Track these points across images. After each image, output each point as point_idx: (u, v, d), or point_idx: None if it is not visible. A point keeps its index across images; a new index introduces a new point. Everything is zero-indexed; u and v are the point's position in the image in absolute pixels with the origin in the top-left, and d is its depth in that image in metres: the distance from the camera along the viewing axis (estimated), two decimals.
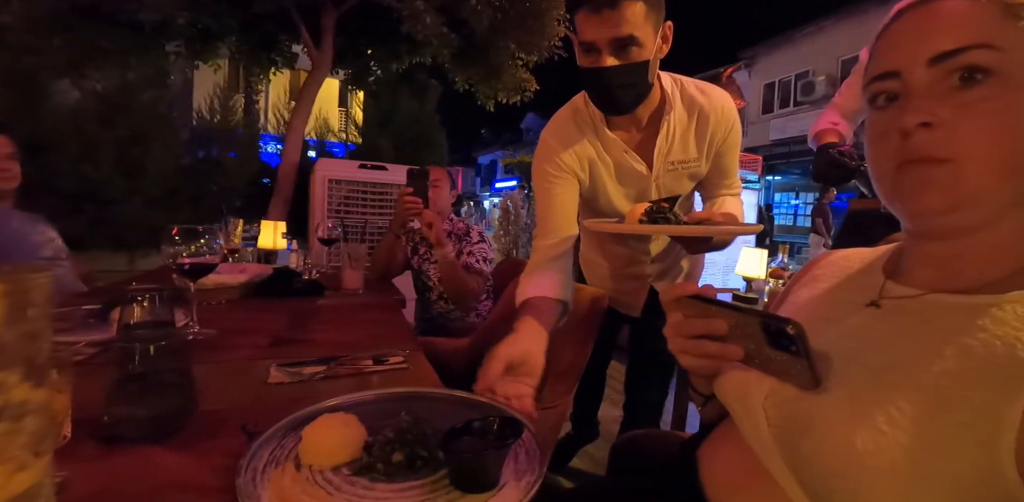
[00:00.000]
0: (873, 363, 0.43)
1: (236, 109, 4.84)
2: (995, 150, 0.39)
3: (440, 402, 0.65)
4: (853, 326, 0.48)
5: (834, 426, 0.41)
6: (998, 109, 0.39)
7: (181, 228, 0.93)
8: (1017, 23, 0.38)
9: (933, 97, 0.41)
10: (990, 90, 0.39)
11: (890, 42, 0.45)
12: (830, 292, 0.55)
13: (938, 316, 0.43)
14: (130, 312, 0.56)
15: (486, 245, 1.80)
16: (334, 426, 0.50)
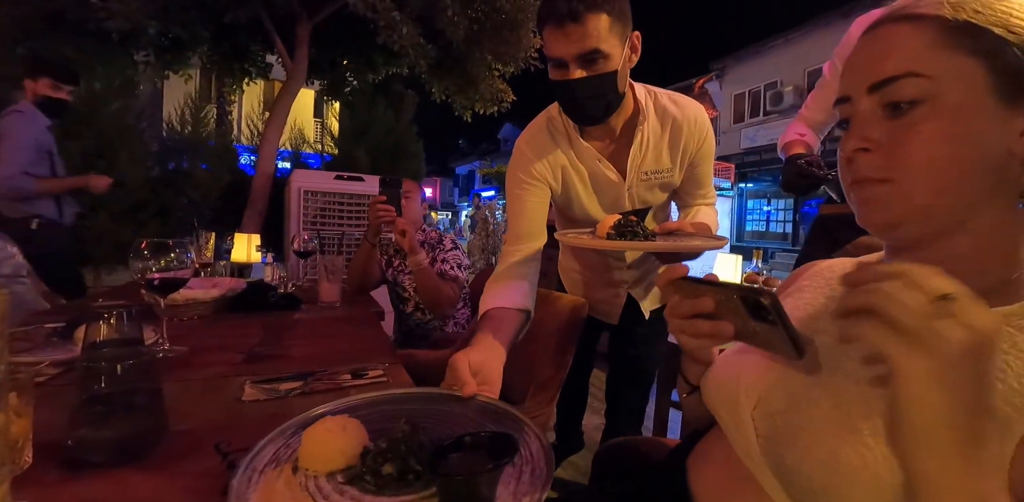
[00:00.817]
0: (858, 373, 0.44)
1: (208, 120, 4.74)
2: (929, 171, 0.42)
3: (456, 405, 0.64)
4: (837, 336, 0.49)
5: (820, 439, 0.42)
6: (929, 133, 0.41)
7: (150, 242, 0.90)
8: (948, 51, 0.41)
9: (871, 123, 0.44)
10: (921, 115, 0.42)
11: (847, 67, 0.48)
12: (813, 302, 0.56)
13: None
14: (96, 330, 0.54)
15: (459, 252, 1.80)
16: (333, 430, 0.49)
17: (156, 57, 4.22)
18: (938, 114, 0.41)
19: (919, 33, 0.42)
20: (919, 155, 0.42)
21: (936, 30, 0.42)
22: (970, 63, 0.41)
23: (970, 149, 0.41)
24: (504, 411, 0.60)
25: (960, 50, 0.41)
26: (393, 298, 1.94)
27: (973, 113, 0.41)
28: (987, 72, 0.40)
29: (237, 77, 4.91)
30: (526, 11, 4.20)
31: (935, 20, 0.42)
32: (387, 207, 1.57)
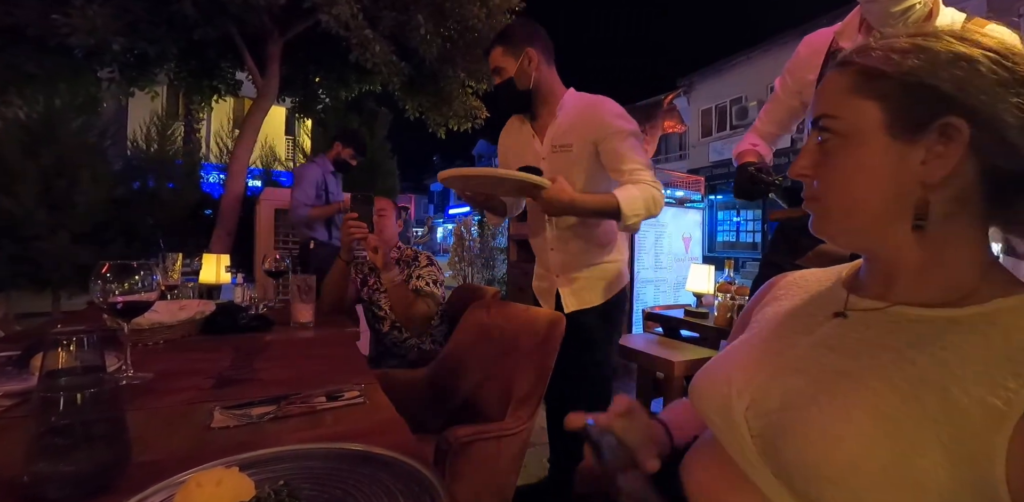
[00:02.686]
0: (849, 369, 0.47)
1: (175, 138, 4.64)
2: (838, 195, 0.50)
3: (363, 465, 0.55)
4: (823, 335, 0.53)
5: (822, 432, 0.44)
6: (837, 164, 0.50)
7: (113, 264, 0.87)
8: (854, 95, 0.49)
9: (809, 152, 0.53)
10: (833, 148, 0.50)
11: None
12: (796, 308, 0.60)
13: (906, 327, 0.48)
14: (54, 357, 0.51)
15: (435, 268, 1.79)
16: (204, 485, 0.43)
17: (121, 73, 4.13)
18: (844, 148, 0.49)
19: (843, 78, 0.50)
20: (830, 182, 0.51)
21: (854, 76, 0.49)
22: (869, 105, 0.48)
23: (871, 178, 0.48)
24: (417, 475, 0.53)
25: (863, 94, 0.48)
26: (369, 317, 1.91)
27: (869, 148, 0.48)
28: (882, 112, 0.47)
29: (206, 94, 4.84)
30: (498, 29, 4.28)
31: (856, 66, 0.49)
32: (359, 223, 1.55)
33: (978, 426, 0.38)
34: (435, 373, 1.49)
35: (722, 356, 0.60)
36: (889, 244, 0.50)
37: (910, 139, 0.46)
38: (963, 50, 0.44)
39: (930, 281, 0.48)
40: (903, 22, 1.09)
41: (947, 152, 0.45)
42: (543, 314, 1.25)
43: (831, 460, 0.42)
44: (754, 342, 0.58)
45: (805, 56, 1.29)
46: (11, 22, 3.33)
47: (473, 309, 1.50)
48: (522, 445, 1.14)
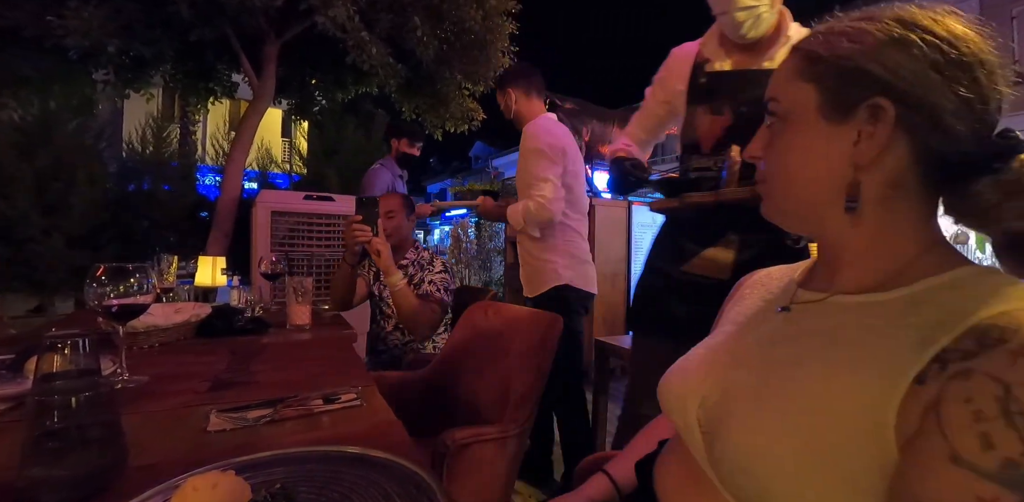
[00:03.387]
0: (780, 361, 0.49)
1: (171, 140, 4.62)
2: (779, 176, 0.52)
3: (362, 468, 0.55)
4: (767, 330, 0.55)
5: (742, 422, 0.46)
6: (778, 146, 0.52)
7: (108, 267, 0.87)
8: (796, 78, 0.50)
9: (760, 137, 0.55)
10: (776, 131, 0.52)
11: None
12: (753, 306, 0.61)
13: (835, 315, 0.49)
14: (48, 361, 0.51)
15: (448, 275, 1.77)
16: (200, 489, 0.43)
17: (116, 75, 4.12)
18: (784, 130, 0.51)
19: (788, 63, 0.52)
20: (772, 163, 0.53)
21: (797, 60, 0.51)
22: (805, 87, 0.49)
23: (805, 159, 0.50)
24: (414, 478, 0.53)
25: (803, 77, 0.49)
26: (376, 313, 1.90)
27: (804, 129, 0.49)
28: (816, 94, 0.48)
29: (202, 96, 4.82)
30: (495, 31, 4.28)
31: (801, 52, 0.51)
32: (363, 227, 1.55)
33: (877, 399, 0.39)
34: (432, 375, 1.49)
35: (685, 358, 0.61)
36: (827, 228, 0.51)
37: (841, 121, 0.47)
38: (899, 33, 0.44)
39: (869, 267, 0.49)
40: (753, 31, 1.14)
41: (875, 133, 0.45)
42: (540, 315, 1.25)
43: (745, 449, 0.44)
44: (710, 343, 0.60)
45: (674, 67, 1.31)
46: (6, 24, 3.31)
47: (470, 310, 1.50)
48: (520, 446, 1.14)
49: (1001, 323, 0.37)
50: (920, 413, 0.36)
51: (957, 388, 0.35)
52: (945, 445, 0.33)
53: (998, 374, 0.34)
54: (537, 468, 1.92)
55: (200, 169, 4.88)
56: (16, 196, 3.55)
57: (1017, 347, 0.34)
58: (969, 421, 0.33)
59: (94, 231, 3.82)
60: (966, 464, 0.32)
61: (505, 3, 4.27)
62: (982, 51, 0.44)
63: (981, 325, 0.37)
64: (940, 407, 0.35)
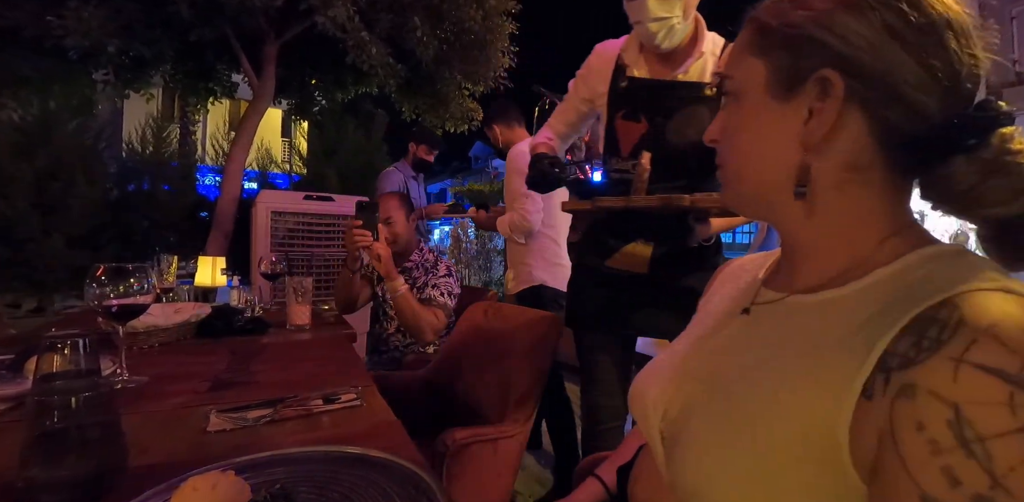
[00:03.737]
0: (732, 375, 0.45)
1: (171, 140, 4.62)
2: (733, 156, 0.47)
3: (361, 468, 0.55)
4: (726, 336, 0.51)
5: (694, 441, 0.43)
6: (731, 125, 0.47)
7: (107, 267, 0.87)
8: (746, 52, 0.45)
9: (717, 117, 0.50)
10: (730, 110, 0.47)
11: None
12: (720, 303, 0.57)
13: (791, 318, 0.44)
14: (48, 361, 0.51)
15: (452, 279, 1.75)
16: (200, 489, 0.43)
17: (116, 75, 4.11)
18: (736, 109, 0.46)
19: (742, 36, 0.47)
20: (725, 145, 0.48)
21: (750, 33, 0.46)
22: (755, 62, 0.44)
23: (754, 141, 0.45)
24: (414, 478, 0.53)
25: (753, 51, 0.45)
26: (379, 314, 1.89)
27: (756, 109, 0.44)
28: (765, 69, 0.43)
29: (202, 96, 4.82)
30: (495, 31, 4.28)
31: (754, 23, 0.45)
32: (363, 232, 1.54)
33: (825, 418, 0.35)
34: (432, 375, 1.49)
35: (652, 363, 0.58)
36: (781, 216, 0.46)
37: (789, 97, 0.42)
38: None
39: (828, 261, 0.44)
40: (667, 41, 1.15)
41: (824, 109, 0.40)
42: (540, 316, 1.25)
43: (695, 471, 0.41)
44: (676, 348, 0.57)
45: (596, 66, 1.30)
46: (6, 24, 3.31)
47: (470, 310, 1.50)
48: (520, 447, 1.14)
49: (940, 316, 0.32)
50: (875, 434, 0.32)
51: (905, 410, 0.31)
52: (911, 485, 0.29)
53: (943, 392, 0.29)
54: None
55: (200, 169, 4.88)
56: (16, 196, 3.55)
57: (958, 352, 0.30)
58: (927, 454, 0.29)
59: (94, 231, 3.82)
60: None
61: (505, 3, 4.27)
62: (951, 10, 0.38)
63: (920, 319, 0.33)
64: (895, 435, 0.31)
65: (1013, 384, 0.28)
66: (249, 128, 4.14)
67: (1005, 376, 0.28)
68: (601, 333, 1.29)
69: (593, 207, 1.12)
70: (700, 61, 1.18)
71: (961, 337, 0.30)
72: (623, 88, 1.23)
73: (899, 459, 0.30)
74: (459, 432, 1.02)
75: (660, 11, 1.10)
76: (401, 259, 1.82)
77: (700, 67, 1.19)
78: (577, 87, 1.38)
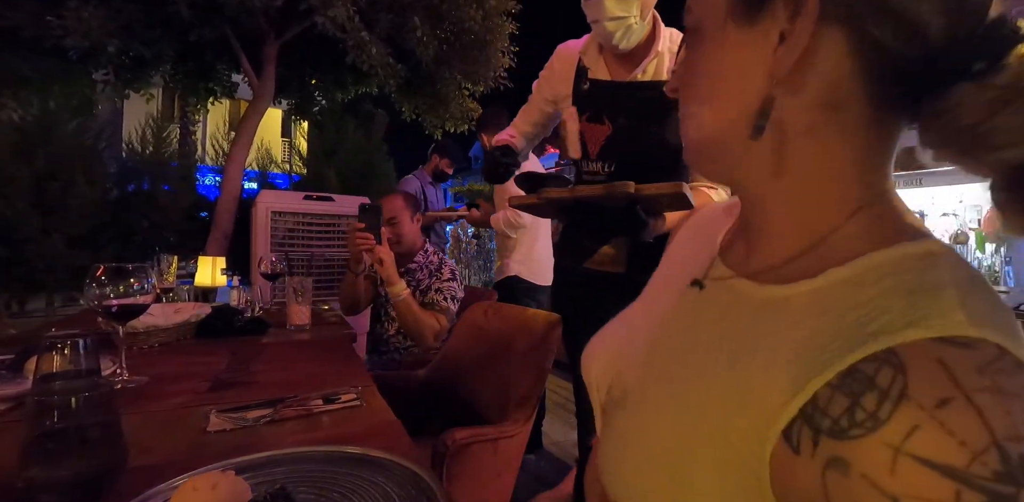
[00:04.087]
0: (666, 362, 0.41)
1: (171, 140, 4.62)
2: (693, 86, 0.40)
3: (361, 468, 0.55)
4: (673, 313, 0.45)
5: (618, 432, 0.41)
6: (692, 58, 0.40)
7: (107, 267, 0.87)
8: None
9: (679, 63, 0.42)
10: (690, 43, 0.40)
11: None
12: (675, 267, 0.51)
13: (733, 307, 0.39)
14: (48, 361, 0.51)
15: (456, 284, 1.75)
16: (200, 489, 0.43)
17: (116, 76, 4.12)
18: (697, 41, 0.39)
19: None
20: (687, 88, 0.40)
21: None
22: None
23: (720, 74, 0.37)
24: (414, 478, 0.53)
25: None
26: (381, 314, 1.88)
27: (717, 37, 0.37)
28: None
29: (202, 96, 4.82)
30: (495, 31, 4.28)
31: None
32: (365, 235, 1.53)
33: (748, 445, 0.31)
34: (432, 375, 1.49)
35: (601, 333, 0.54)
36: (744, 172, 0.39)
37: (753, 19, 0.35)
38: None
39: (789, 236, 0.37)
40: (624, 41, 1.14)
41: (795, 30, 0.32)
42: (540, 316, 1.25)
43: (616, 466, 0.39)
44: (628, 314, 0.53)
45: (558, 68, 1.31)
46: (6, 24, 3.31)
47: (470, 310, 1.50)
48: (520, 447, 1.14)
49: (879, 377, 0.26)
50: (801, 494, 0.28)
51: (839, 487, 0.26)
52: None
53: (880, 482, 0.25)
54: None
55: (200, 169, 4.87)
56: (16, 196, 3.55)
57: (897, 438, 0.25)
58: None
59: (94, 231, 3.82)
60: None
61: (505, 3, 4.27)
62: None
63: (857, 372, 0.27)
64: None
65: (960, 482, 0.24)
66: (249, 128, 4.14)
67: (951, 473, 0.24)
68: (592, 333, 1.30)
69: (539, 199, 1.11)
70: (656, 60, 1.20)
71: (903, 419, 0.25)
72: (585, 90, 1.24)
73: None
74: (459, 432, 1.02)
75: (617, 10, 1.10)
76: (405, 259, 1.81)
77: (656, 66, 1.20)
78: (541, 88, 1.38)
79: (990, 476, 0.23)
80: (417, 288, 1.73)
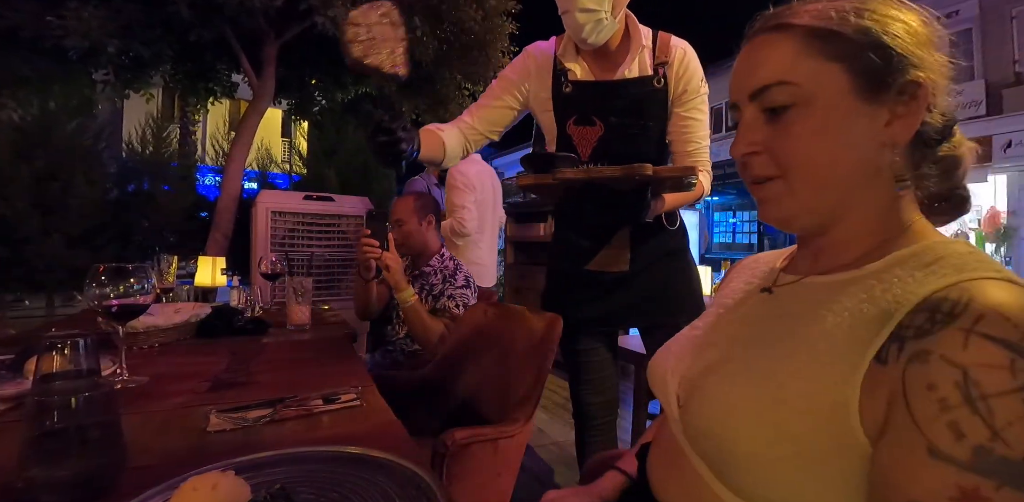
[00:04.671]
0: (753, 340, 0.50)
1: (170, 140, 4.62)
2: (808, 167, 0.47)
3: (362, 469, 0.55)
4: (746, 311, 0.56)
5: (708, 393, 0.48)
6: (802, 133, 0.46)
7: (108, 267, 0.87)
8: (811, 58, 0.46)
9: (753, 128, 0.49)
10: (794, 118, 0.46)
11: (734, 74, 0.52)
12: (737, 288, 0.62)
13: (811, 295, 0.48)
14: (48, 361, 0.51)
15: (469, 291, 1.72)
16: (200, 489, 0.43)
17: (116, 76, 4.11)
18: (808, 116, 0.46)
19: (787, 42, 0.47)
20: (797, 153, 0.47)
21: (801, 38, 0.46)
22: (831, 68, 0.45)
23: (840, 145, 0.45)
24: (414, 478, 0.53)
25: (821, 56, 0.45)
26: (393, 317, 1.87)
27: (838, 112, 0.45)
28: (846, 74, 0.45)
29: (201, 96, 4.82)
30: (494, 32, 4.28)
31: (800, 29, 0.46)
32: (371, 242, 1.52)
33: (836, 377, 0.39)
34: (432, 375, 1.49)
35: (672, 339, 0.63)
36: (852, 216, 0.48)
37: (875, 99, 0.45)
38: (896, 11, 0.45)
39: (857, 246, 0.48)
40: (594, 35, 1.12)
41: (910, 111, 0.45)
42: (540, 316, 1.25)
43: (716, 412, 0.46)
44: (696, 324, 0.62)
45: (533, 70, 1.24)
46: (5, 24, 3.31)
47: (470, 310, 1.50)
48: (520, 447, 1.14)
49: (952, 296, 0.36)
50: (885, 396, 0.36)
51: (918, 373, 0.35)
52: (921, 438, 0.33)
53: (953, 357, 0.34)
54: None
55: (200, 169, 4.88)
56: (16, 196, 3.55)
57: (968, 324, 0.34)
58: (936, 411, 0.33)
59: (93, 231, 3.82)
60: (943, 456, 0.32)
61: (505, 3, 4.27)
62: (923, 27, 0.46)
63: (933, 298, 0.37)
64: (907, 395, 0.35)
65: (1015, 352, 0.32)
66: (249, 128, 4.14)
67: (1008, 344, 0.33)
68: (591, 334, 1.30)
69: (555, 180, 1.09)
70: (641, 55, 1.19)
71: (971, 312, 0.35)
72: (568, 93, 1.21)
73: (909, 416, 0.34)
74: (459, 432, 1.02)
75: (589, 3, 1.09)
76: (418, 262, 1.80)
77: (639, 61, 1.19)
78: (510, 87, 1.27)
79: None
80: (430, 292, 1.71)
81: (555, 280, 1.37)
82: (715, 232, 15.47)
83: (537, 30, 1.55)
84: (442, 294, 1.69)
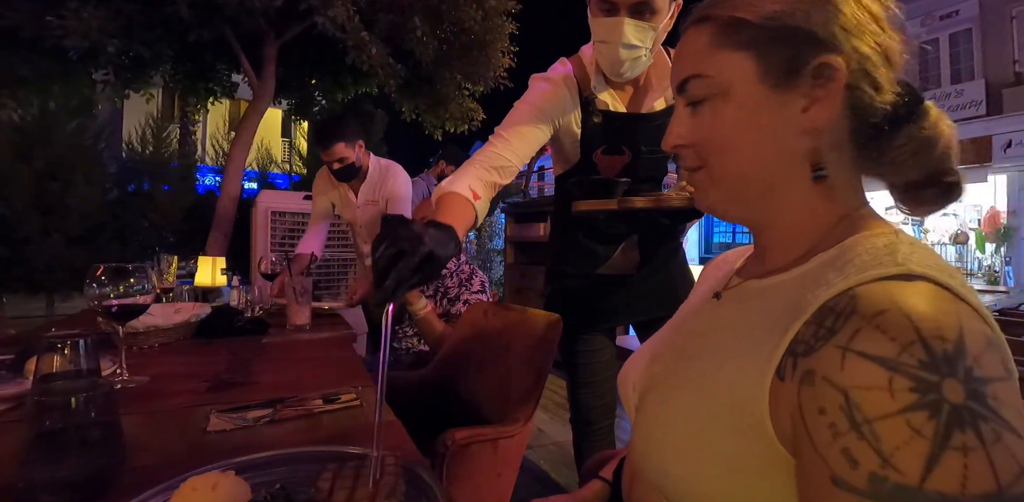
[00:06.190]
0: (691, 352, 0.49)
1: (170, 140, 4.63)
2: (726, 155, 0.46)
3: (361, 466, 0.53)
4: (698, 320, 0.55)
5: (648, 412, 0.48)
6: (718, 123, 0.46)
7: (107, 267, 0.87)
8: (721, 49, 0.45)
9: (681, 120, 0.49)
10: (710, 109, 0.46)
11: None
12: (700, 293, 0.61)
13: (746, 301, 0.48)
14: (48, 361, 0.51)
15: (485, 296, 1.72)
16: (199, 489, 0.43)
17: (116, 76, 4.12)
18: (723, 107, 0.45)
19: (704, 34, 0.46)
20: (714, 145, 0.47)
21: (715, 29, 0.46)
22: (740, 57, 0.44)
23: (756, 134, 0.45)
24: (413, 477, 0.52)
25: (732, 46, 0.44)
26: (399, 315, 1.86)
27: (750, 101, 0.44)
28: (755, 62, 0.44)
29: (201, 96, 4.83)
30: (494, 32, 4.29)
31: (717, 20, 0.46)
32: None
33: (751, 391, 0.38)
34: (432, 375, 1.49)
35: (637, 350, 0.63)
36: (781, 208, 0.47)
37: (787, 86, 0.43)
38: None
39: (794, 246, 0.46)
40: (630, 72, 1.09)
41: (827, 94, 0.42)
42: (540, 316, 1.25)
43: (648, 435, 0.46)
44: (657, 334, 0.62)
45: (563, 100, 1.15)
46: (5, 24, 3.31)
47: (470, 310, 1.50)
48: (520, 447, 1.14)
49: (840, 305, 0.34)
50: (788, 414, 0.35)
51: (808, 395, 0.33)
52: (824, 466, 0.31)
53: (833, 379, 0.32)
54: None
55: (200, 169, 4.89)
56: (16, 196, 3.55)
57: (844, 341, 0.32)
58: (830, 437, 0.31)
59: (93, 231, 3.82)
60: (845, 486, 0.30)
61: (505, 3, 4.27)
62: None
63: (824, 307, 0.35)
64: (804, 419, 0.33)
65: (891, 369, 0.30)
66: (249, 128, 4.14)
67: (884, 362, 0.31)
68: (593, 335, 1.30)
69: (620, 207, 1.10)
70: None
71: (849, 327, 0.33)
72: (597, 124, 1.16)
73: (809, 441, 0.33)
74: (459, 432, 1.02)
75: (634, 38, 1.03)
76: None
77: (667, 93, 1.19)
78: (543, 120, 1.13)
79: (916, 365, 0.30)
80: (445, 295, 1.71)
81: (562, 282, 1.35)
82: (715, 232, 15.47)
83: (537, 30, 1.54)
84: (457, 299, 1.69)
